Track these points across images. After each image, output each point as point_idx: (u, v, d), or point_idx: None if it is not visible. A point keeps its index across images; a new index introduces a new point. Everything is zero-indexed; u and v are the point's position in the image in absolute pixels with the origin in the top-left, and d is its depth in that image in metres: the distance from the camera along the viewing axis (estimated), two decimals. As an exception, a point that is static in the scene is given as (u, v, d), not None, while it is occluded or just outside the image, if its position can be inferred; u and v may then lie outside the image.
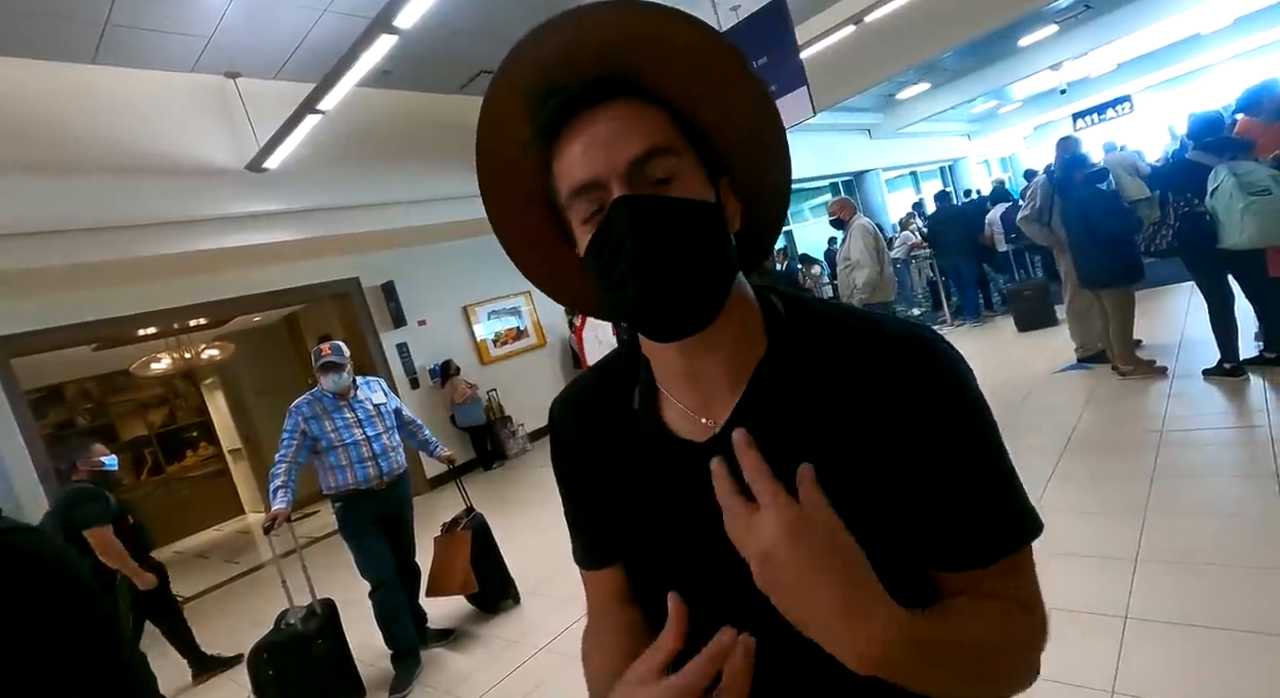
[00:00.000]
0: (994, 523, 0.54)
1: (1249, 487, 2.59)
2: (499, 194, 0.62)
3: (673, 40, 0.54)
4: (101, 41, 4.08)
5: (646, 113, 0.54)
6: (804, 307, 0.60)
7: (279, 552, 2.96)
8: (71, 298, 4.81)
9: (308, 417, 2.84)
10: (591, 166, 0.52)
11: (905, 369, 0.53)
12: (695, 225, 0.52)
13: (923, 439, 0.52)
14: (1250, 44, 12.49)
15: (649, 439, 0.61)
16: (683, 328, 0.54)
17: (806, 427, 0.54)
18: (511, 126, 0.57)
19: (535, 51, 0.55)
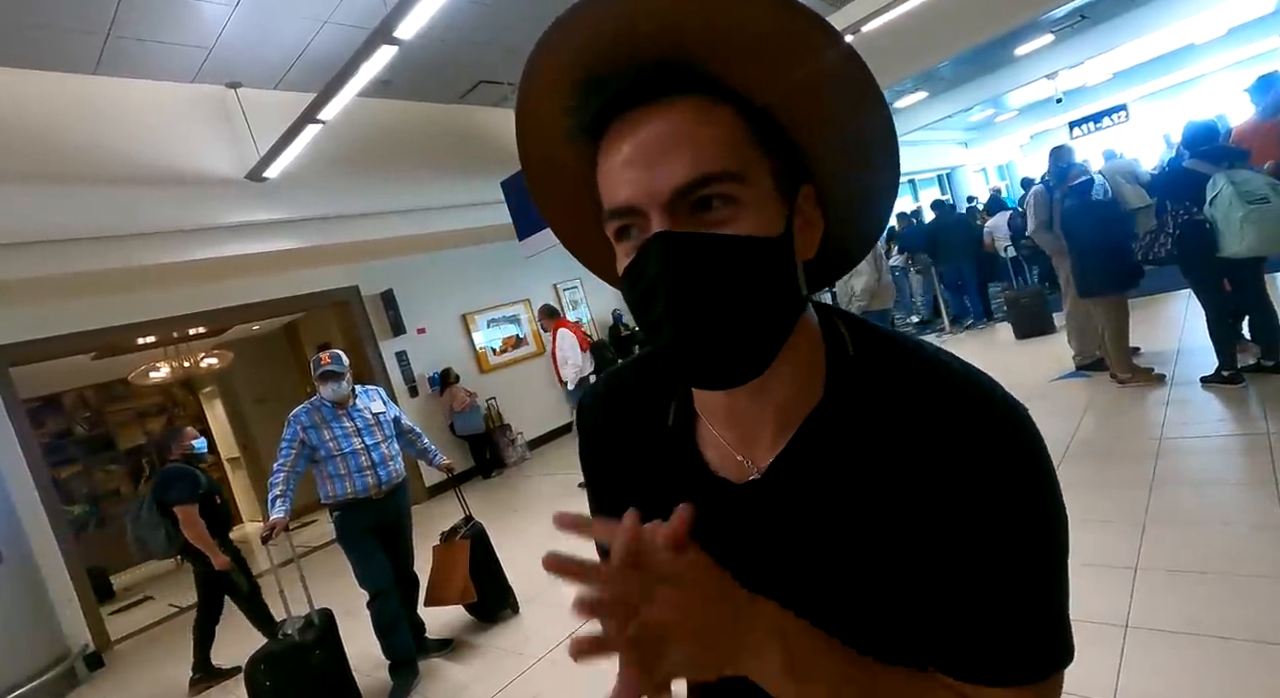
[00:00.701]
0: (1039, 641, 0.47)
1: (1248, 495, 2.58)
2: (544, 181, 0.55)
3: (748, 20, 0.43)
4: (104, 52, 4.10)
5: (710, 117, 0.44)
6: (878, 344, 0.52)
7: (277, 561, 2.95)
8: (71, 307, 4.81)
9: (306, 426, 2.84)
10: (629, 188, 0.44)
11: (981, 443, 0.46)
12: (747, 269, 0.44)
13: (978, 522, 0.45)
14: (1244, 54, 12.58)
15: (682, 467, 0.56)
16: (721, 382, 0.47)
17: (854, 483, 0.48)
18: (554, 122, 0.49)
19: (578, 30, 0.45)
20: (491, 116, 6.54)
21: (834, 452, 0.49)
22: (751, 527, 0.52)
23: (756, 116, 0.46)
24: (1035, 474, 0.46)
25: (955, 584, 0.46)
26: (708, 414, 0.56)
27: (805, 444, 0.50)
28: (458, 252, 7.29)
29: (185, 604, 5.35)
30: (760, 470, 0.52)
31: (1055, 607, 0.47)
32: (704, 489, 0.54)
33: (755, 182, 0.45)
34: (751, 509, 0.52)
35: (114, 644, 4.66)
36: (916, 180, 16.76)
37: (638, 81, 0.44)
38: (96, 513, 8.10)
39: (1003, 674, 0.47)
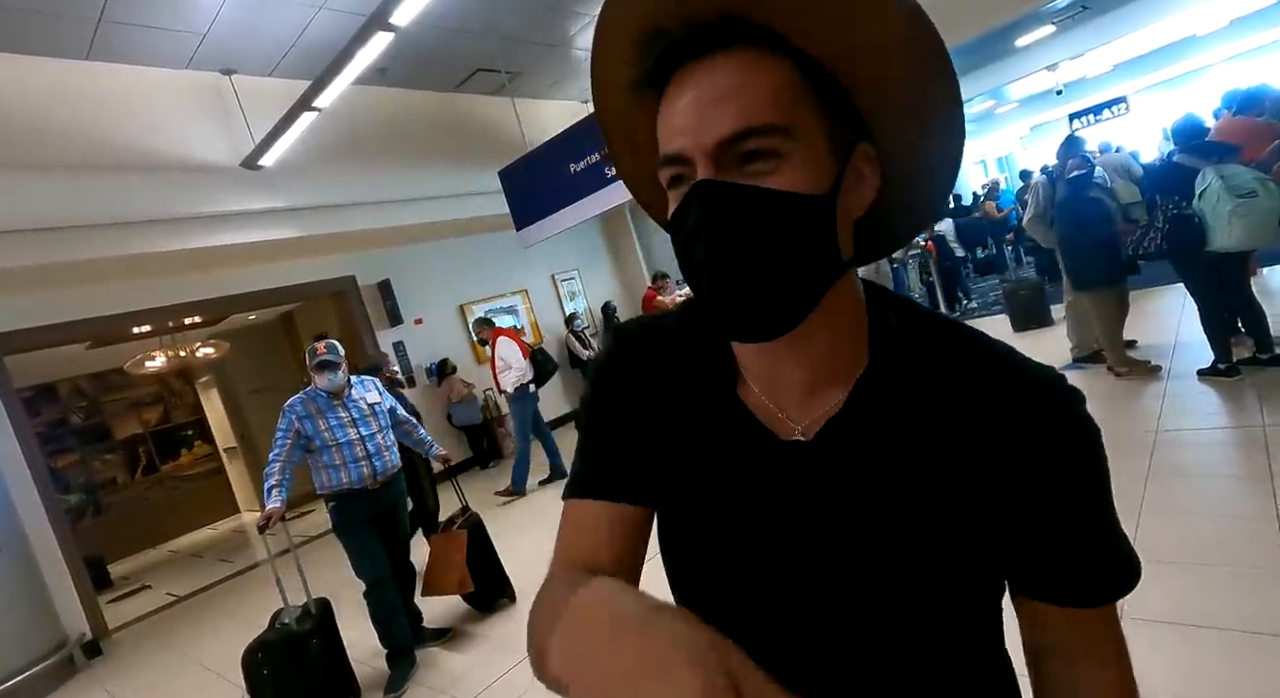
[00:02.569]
0: (1118, 560, 0.52)
1: (1243, 487, 2.60)
2: (615, 134, 0.58)
3: None
4: (95, 38, 4.05)
5: (764, 70, 0.44)
6: (921, 318, 0.54)
7: (274, 551, 2.95)
8: (65, 295, 4.78)
9: (301, 416, 2.83)
10: (681, 137, 0.46)
11: (1032, 407, 0.48)
12: (784, 223, 0.45)
13: (1034, 480, 0.49)
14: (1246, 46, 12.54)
15: (725, 412, 0.56)
16: (754, 334, 0.48)
17: (909, 446, 0.50)
18: (621, 71, 0.51)
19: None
20: (489, 105, 6.49)
21: (885, 416, 0.51)
22: (801, 486, 0.52)
23: (814, 72, 0.46)
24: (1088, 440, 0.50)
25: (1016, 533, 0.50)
26: (747, 371, 0.56)
27: (856, 410, 0.51)
28: (455, 241, 7.26)
29: (183, 593, 5.37)
30: (803, 429, 0.53)
31: (1119, 534, 0.53)
32: (748, 439, 0.55)
33: (804, 137, 0.45)
34: (801, 468, 0.53)
35: (111, 633, 4.67)
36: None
37: (696, 33, 0.45)
38: (93, 502, 8.10)
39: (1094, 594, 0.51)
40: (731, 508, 0.55)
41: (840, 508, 0.51)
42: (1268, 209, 3.24)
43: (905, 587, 0.50)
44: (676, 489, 0.57)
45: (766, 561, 0.54)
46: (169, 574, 6.47)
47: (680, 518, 0.58)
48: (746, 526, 0.54)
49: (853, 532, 0.51)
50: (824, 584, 0.52)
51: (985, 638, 0.56)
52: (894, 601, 0.51)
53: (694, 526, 0.57)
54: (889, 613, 0.51)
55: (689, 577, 0.59)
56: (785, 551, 0.53)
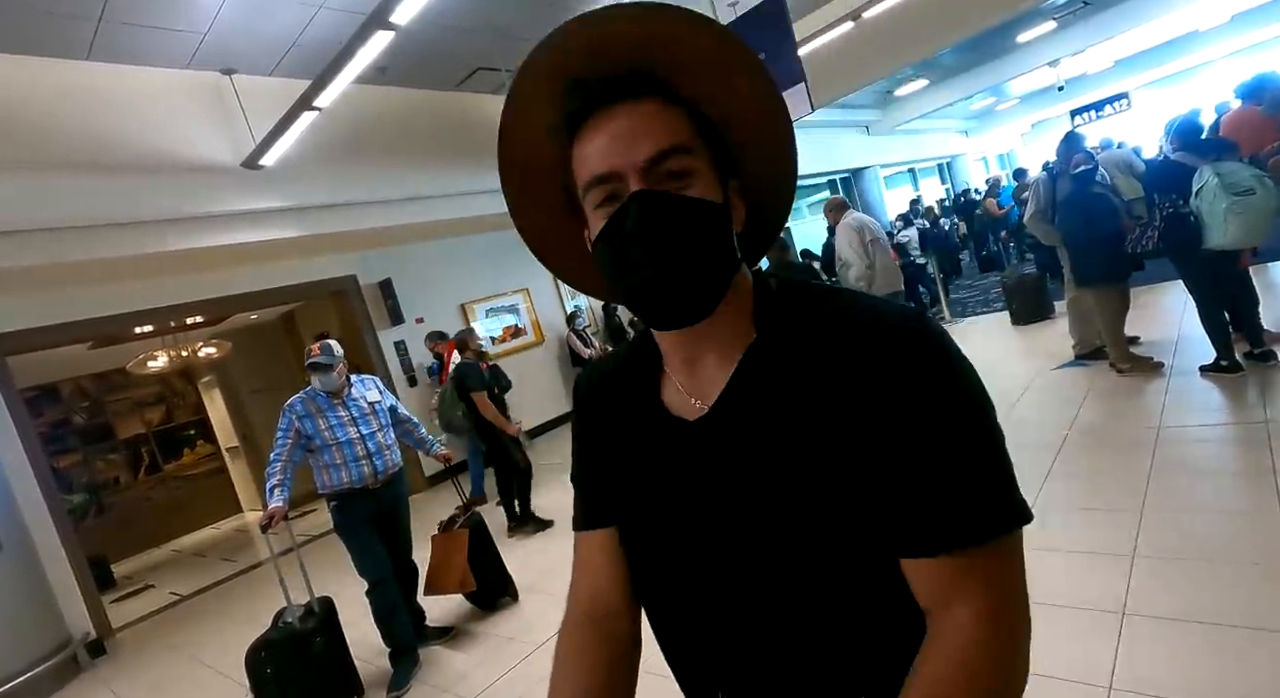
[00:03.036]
0: (972, 503, 0.51)
1: (1245, 483, 2.59)
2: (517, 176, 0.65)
3: (696, 44, 0.57)
4: (95, 38, 4.05)
5: (668, 112, 0.56)
6: (800, 291, 0.62)
7: (277, 550, 2.95)
8: (67, 296, 4.79)
9: (301, 415, 2.83)
10: (612, 158, 0.55)
11: (893, 348, 0.53)
12: (703, 224, 0.55)
13: (906, 417, 0.52)
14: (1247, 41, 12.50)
15: (647, 415, 0.65)
16: (682, 318, 0.57)
17: (790, 408, 0.56)
18: (536, 112, 0.60)
19: (565, 44, 0.58)
20: (489, 104, 6.48)
21: (772, 380, 0.57)
22: (703, 458, 0.60)
23: (698, 118, 0.58)
24: (947, 366, 0.53)
25: (898, 475, 0.52)
26: (672, 369, 0.65)
27: (744, 377, 0.59)
28: (456, 240, 7.25)
29: (186, 592, 5.38)
30: (708, 407, 0.61)
31: (998, 473, 0.52)
32: (663, 429, 0.63)
33: (703, 161, 0.57)
34: (703, 442, 0.60)
35: (115, 632, 4.68)
36: (916, 170, 16.68)
37: (612, 84, 0.57)
38: (96, 502, 8.12)
39: (960, 534, 0.50)
40: (651, 496, 0.64)
41: (733, 474, 0.58)
42: (1264, 207, 3.23)
43: (803, 543, 0.54)
44: (624, 498, 0.68)
45: (681, 537, 0.61)
46: (172, 574, 6.49)
47: (626, 522, 0.68)
48: (662, 509, 0.63)
49: (747, 495, 0.57)
50: (731, 549, 0.58)
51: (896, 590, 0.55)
52: (796, 558, 0.55)
53: (633, 524, 0.67)
54: (794, 571, 0.55)
55: (636, 573, 0.68)
56: (694, 523, 0.60)
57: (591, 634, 0.68)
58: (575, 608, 0.71)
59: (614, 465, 0.69)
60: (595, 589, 0.70)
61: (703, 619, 0.62)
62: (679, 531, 0.62)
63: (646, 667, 0.71)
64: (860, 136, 13.20)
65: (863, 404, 0.53)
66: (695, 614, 0.63)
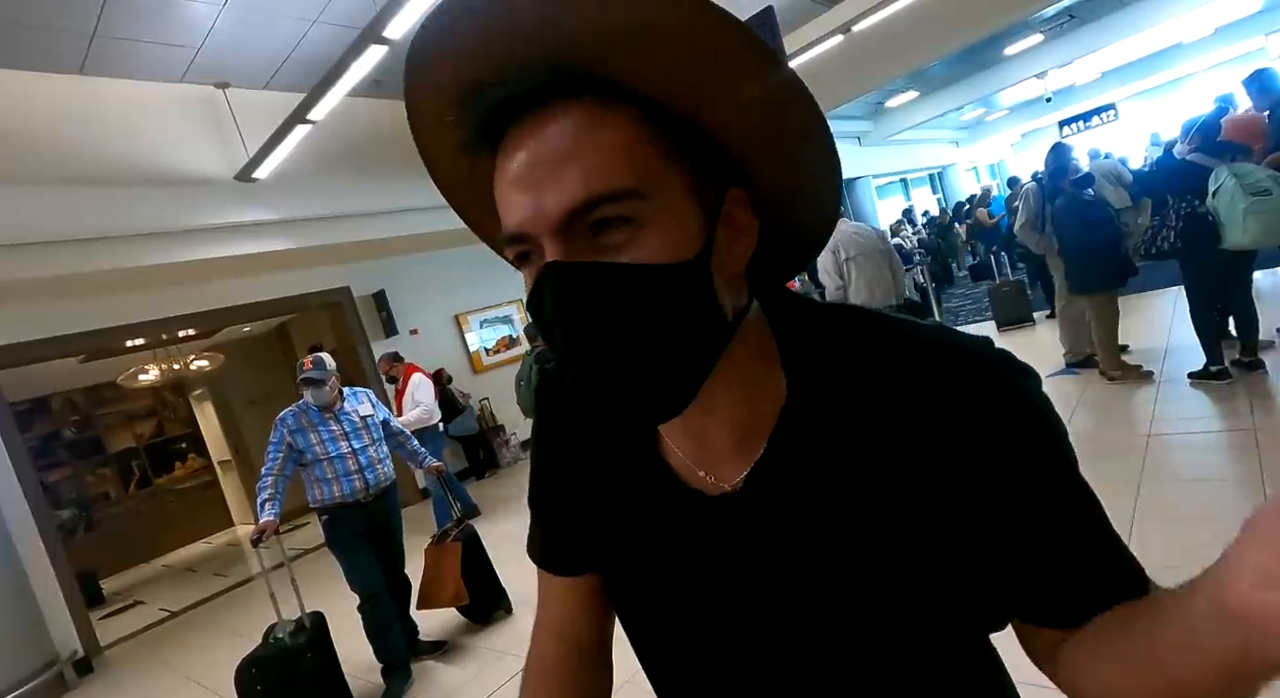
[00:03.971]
0: (1104, 570, 0.43)
1: (1235, 490, 2.61)
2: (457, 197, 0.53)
3: (649, 20, 0.37)
4: (89, 52, 4.07)
5: (604, 125, 0.39)
6: (837, 320, 0.48)
7: (268, 564, 2.93)
8: (59, 309, 4.76)
9: (293, 429, 2.82)
10: (520, 211, 0.39)
11: (968, 394, 0.42)
12: (650, 299, 0.39)
13: (996, 479, 0.42)
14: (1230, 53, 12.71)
15: (648, 474, 0.52)
16: (636, 421, 0.46)
17: (843, 479, 0.45)
18: (446, 135, 0.45)
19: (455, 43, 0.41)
20: (483, 116, 6.51)
21: (813, 450, 0.45)
22: (734, 542, 0.48)
23: (662, 117, 0.40)
24: (1039, 416, 0.43)
25: (996, 544, 0.43)
26: (666, 433, 0.52)
27: (781, 449, 0.47)
28: (450, 252, 7.26)
29: (176, 608, 5.32)
30: (730, 484, 0.48)
31: (1111, 536, 0.44)
32: (674, 501, 0.51)
33: (661, 195, 0.39)
34: (731, 522, 0.48)
35: (104, 650, 4.62)
36: (909, 180, 16.83)
37: (520, 87, 0.39)
38: (85, 516, 8.03)
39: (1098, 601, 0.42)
40: (669, 574, 0.52)
41: (779, 555, 0.47)
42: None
43: (869, 629, 0.45)
44: (614, 556, 0.57)
45: (716, 624, 0.50)
46: (162, 589, 6.41)
47: (623, 586, 0.58)
48: (687, 590, 0.51)
49: (797, 578, 0.46)
50: (779, 637, 0.48)
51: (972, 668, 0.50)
52: (860, 647, 0.46)
53: (637, 594, 0.56)
54: (855, 661, 0.47)
55: (644, 643, 0.59)
56: (732, 610, 0.49)
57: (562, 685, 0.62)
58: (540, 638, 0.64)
59: (597, 514, 0.56)
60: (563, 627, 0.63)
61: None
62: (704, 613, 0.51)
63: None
64: (852, 147, 13.32)
65: (944, 458, 0.42)
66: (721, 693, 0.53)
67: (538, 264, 0.41)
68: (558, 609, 0.63)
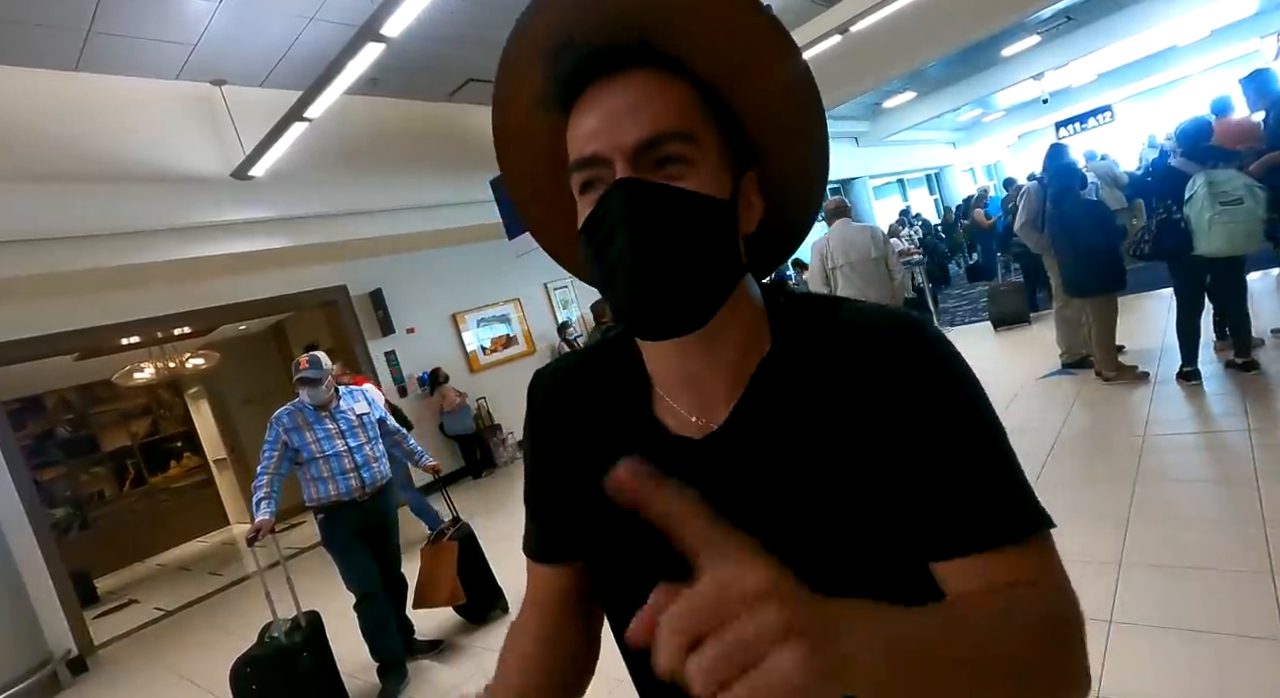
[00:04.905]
0: (995, 504, 0.48)
1: (1230, 490, 2.62)
2: (513, 152, 0.58)
3: (709, 8, 0.49)
4: (84, 49, 4.05)
5: (669, 88, 0.49)
6: (809, 302, 0.57)
7: (263, 563, 2.92)
8: (53, 306, 4.74)
9: (289, 428, 2.82)
10: (597, 140, 0.48)
11: (898, 356, 0.51)
12: (698, 222, 0.48)
13: (919, 423, 0.49)
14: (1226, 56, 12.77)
15: (639, 434, 0.57)
16: (669, 328, 0.50)
17: (807, 422, 0.52)
18: (530, 83, 0.53)
19: (557, 4, 0.51)
20: (480, 115, 6.47)
21: (785, 396, 0.53)
22: (715, 477, 0.52)
23: (708, 94, 0.51)
24: (950, 368, 0.51)
25: (919, 481, 0.49)
26: (664, 386, 0.58)
27: (760, 391, 0.54)
28: (447, 251, 7.25)
29: (171, 607, 5.30)
30: (718, 424, 0.54)
31: (1015, 476, 0.50)
32: (662, 448, 0.55)
33: (707, 148, 0.49)
34: (713, 461, 0.53)
35: (98, 649, 4.60)
36: (905, 180, 16.85)
37: (604, 53, 0.49)
38: (80, 515, 7.99)
39: (986, 536, 0.47)
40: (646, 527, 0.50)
41: (751, 494, 0.52)
42: (1251, 217, 3.28)
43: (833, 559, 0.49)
44: (607, 530, 0.59)
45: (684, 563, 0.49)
46: (157, 588, 6.39)
47: (612, 558, 0.60)
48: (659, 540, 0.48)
49: (770, 505, 0.51)
50: None
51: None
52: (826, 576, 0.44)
53: (625, 560, 0.58)
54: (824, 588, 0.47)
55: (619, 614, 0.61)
56: None
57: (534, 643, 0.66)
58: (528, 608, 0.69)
59: (589, 489, 0.58)
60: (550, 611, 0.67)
61: None
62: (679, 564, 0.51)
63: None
64: (850, 147, 13.34)
65: (877, 412, 0.50)
66: None
67: (601, 189, 0.49)
68: (543, 592, 0.67)
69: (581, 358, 0.66)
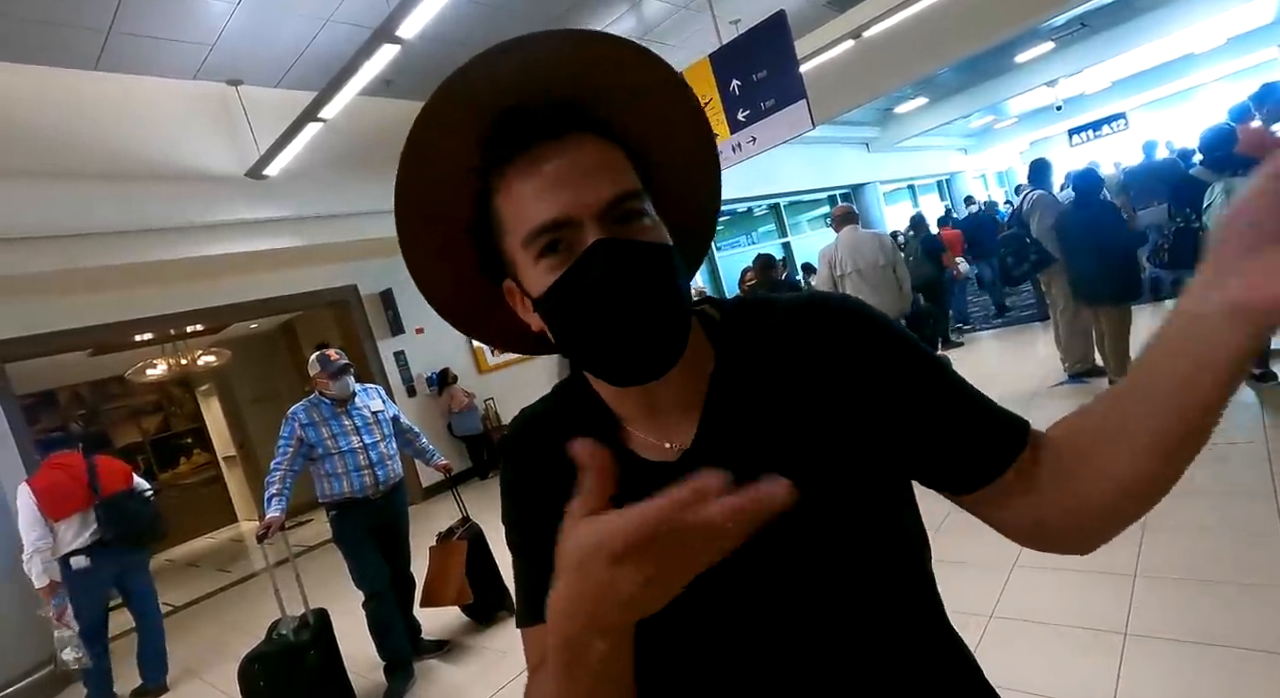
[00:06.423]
0: (992, 427, 0.55)
1: (1247, 502, 2.58)
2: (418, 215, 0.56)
3: (633, 76, 0.54)
4: (104, 48, 4.10)
5: (609, 149, 0.52)
6: (734, 305, 0.61)
7: (272, 561, 2.93)
8: (69, 303, 4.79)
9: (305, 424, 2.82)
10: (561, 203, 0.49)
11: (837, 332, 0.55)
12: (668, 269, 0.52)
13: (884, 384, 0.54)
14: (1242, 64, 12.64)
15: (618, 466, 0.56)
16: (656, 371, 0.52)
17: (771, 424, 0.54)
18: (452, 146, 0.53)
19: (489, 72, 0.51)
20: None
21: (744, 401, 0.55)
22: None
23: (634, 156, 0.55)
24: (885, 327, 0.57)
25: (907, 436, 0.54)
26: (630, 421, 0.59)
27: (718, 404, 0.56)
28: (457, 252, 7.28)
29: (179, 603, 5.33)
30: (686, 445, 0.56)
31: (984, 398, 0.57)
32: (640, 476, 0.54)
33: (648, 201, 0.54)
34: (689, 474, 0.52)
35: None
36: (916, 186, 16.79)
37: (547, 116, 0.51)
38: (91, 511, 8.05)
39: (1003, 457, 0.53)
40: None
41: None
42: None
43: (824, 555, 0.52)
44: None
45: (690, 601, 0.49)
46: (165, 584, 6.41)
47: None
48: None
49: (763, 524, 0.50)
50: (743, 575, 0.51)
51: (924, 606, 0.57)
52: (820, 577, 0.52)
53: None
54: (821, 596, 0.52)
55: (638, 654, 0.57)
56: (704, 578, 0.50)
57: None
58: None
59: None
60: None
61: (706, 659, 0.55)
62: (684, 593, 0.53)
63: None
64: (860, 153, 13.32)
65: (836, 390, 0.54)
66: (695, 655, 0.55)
67: (567, 251, 0.50)
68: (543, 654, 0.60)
69: (544, 408, 0.67)
